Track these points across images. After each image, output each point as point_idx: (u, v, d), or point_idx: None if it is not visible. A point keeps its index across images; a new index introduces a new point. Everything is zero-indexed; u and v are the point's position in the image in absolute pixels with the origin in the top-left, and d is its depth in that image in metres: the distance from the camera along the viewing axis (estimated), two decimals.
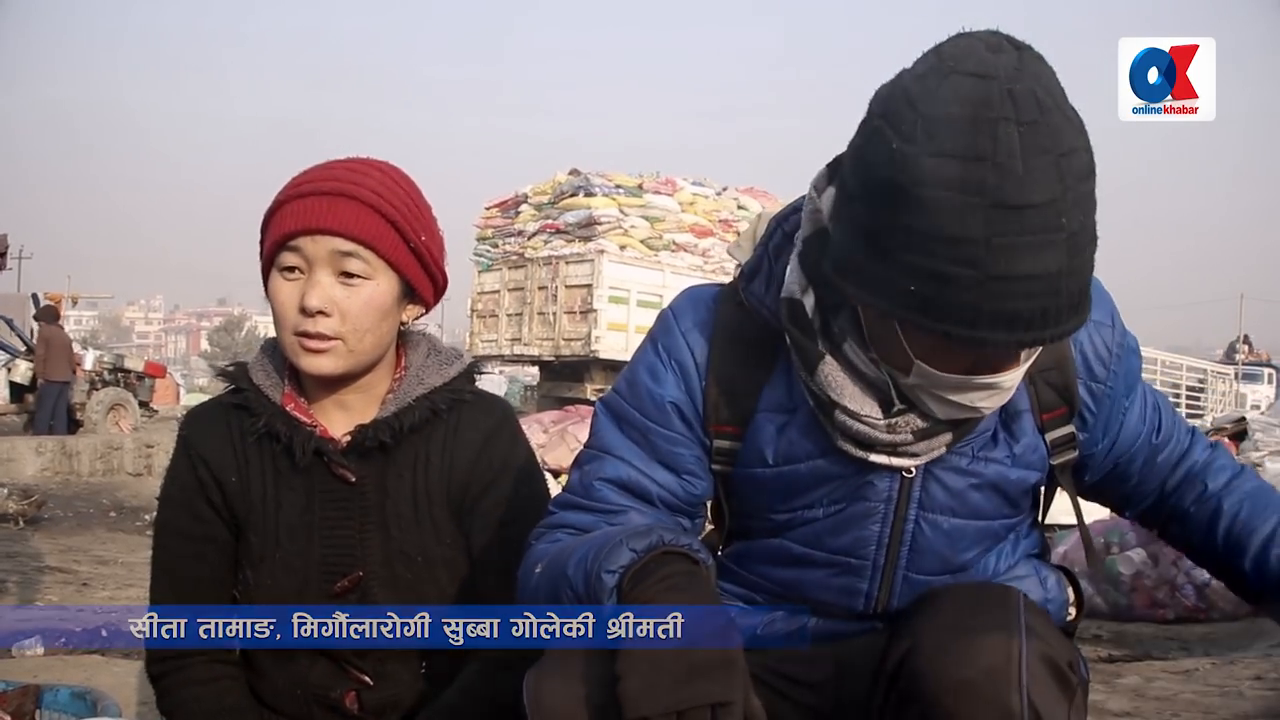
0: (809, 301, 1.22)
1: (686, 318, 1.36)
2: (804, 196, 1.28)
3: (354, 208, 1.40)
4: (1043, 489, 1.41)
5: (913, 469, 1.27)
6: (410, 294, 1.50)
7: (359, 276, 1.41)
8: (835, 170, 1.20)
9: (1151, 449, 1.43)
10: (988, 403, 1.18)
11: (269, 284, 1.45)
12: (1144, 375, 1.45)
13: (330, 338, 1.41)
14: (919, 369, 1.14)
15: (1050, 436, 1.33)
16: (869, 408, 1.22)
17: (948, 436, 1.25)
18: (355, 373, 1.47)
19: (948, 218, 1.00)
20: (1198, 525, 1.43)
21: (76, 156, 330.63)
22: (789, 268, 1.25)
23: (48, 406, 13.17)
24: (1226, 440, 8.47)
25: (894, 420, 1.22)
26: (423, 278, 1.50)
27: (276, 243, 1.42)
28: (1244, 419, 9.17)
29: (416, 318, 1.55)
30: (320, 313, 1.40)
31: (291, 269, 1.42)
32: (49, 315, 13.93)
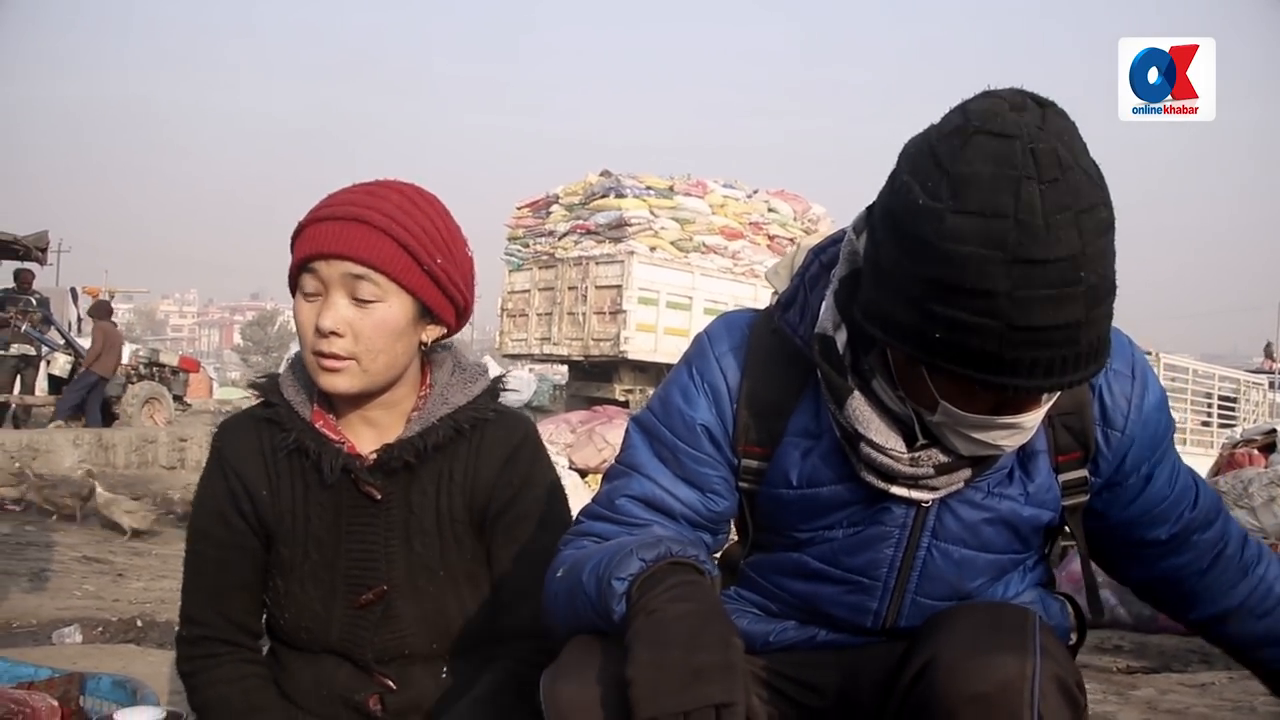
0: (841, 338, 1.28)
1: (721, 342, 1.41)
2: (843, 230, 1.34)
3: (364, 232, 1.43)
4: (1051, 531, 1.44)
5: (929, 500, 1.32)
6: (428, 314, 1.52)
7: (371, 299, 1.45)
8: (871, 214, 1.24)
9: (1184, 524, 1.43)
10: (1009, 441, 1.23)
11: (294, 303, 1.50)
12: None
13: (344, 358, 1.45)
14: (944, 409, 1.19)
15: (1064, 478, 1.38)
16: (893, 442, 1.27)
17: (967, 472, 1.30)
18: (372, 391, 1.51)
19: (972, 272, 1.04)
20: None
21: (113, 152, 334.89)
22: (824, 304, 1.31)
23: (77, 393, 12.89)
24: (1256, 452, 8.38)
25: (917, 454, 1.27)
26: (440, 299, 1.51)
27: (297, 265, 1.47)
28: (1274, 430, 9.02)
29: (439, 338, 1.58)
30: (334, 333, 1.44)
31: (312, 293, 1.47)
32: (102, 311, 13.71)
